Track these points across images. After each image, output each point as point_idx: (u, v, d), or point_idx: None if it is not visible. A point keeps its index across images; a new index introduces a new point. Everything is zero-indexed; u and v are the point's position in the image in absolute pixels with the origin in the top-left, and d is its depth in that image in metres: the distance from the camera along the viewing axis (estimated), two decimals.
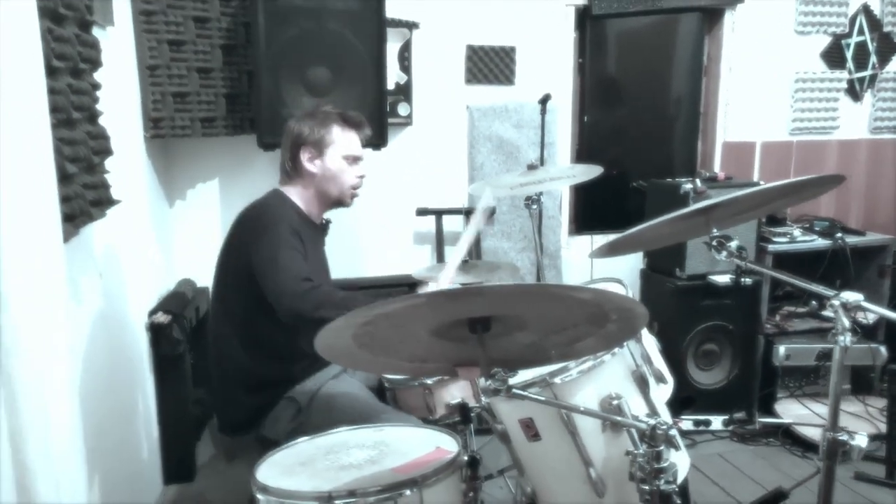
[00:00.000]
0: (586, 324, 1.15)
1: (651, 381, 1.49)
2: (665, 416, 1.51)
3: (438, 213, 3.38)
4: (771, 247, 3.31)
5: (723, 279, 3.15)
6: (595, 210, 3.81)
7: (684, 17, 3.78)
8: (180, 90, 2.81)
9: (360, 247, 3.42)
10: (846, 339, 1.32)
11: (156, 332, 2.68)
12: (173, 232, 3.21)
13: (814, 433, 3.06)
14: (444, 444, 1.56)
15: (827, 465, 1.35)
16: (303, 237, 1.98)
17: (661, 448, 1.24)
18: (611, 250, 1.61)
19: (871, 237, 3.54)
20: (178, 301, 2.89)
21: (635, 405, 1.42)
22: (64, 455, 1.45)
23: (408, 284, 3.32)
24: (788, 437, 3.12)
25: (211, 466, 3.03)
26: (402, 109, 3.28)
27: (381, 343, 1.20)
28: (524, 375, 1.44)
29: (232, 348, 1.98)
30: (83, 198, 1.74)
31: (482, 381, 1.17)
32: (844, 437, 1.33)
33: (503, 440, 1.57)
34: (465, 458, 1.49)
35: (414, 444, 1.59)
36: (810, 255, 3.36)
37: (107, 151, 1.93)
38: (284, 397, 1.97)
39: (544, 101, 3.08)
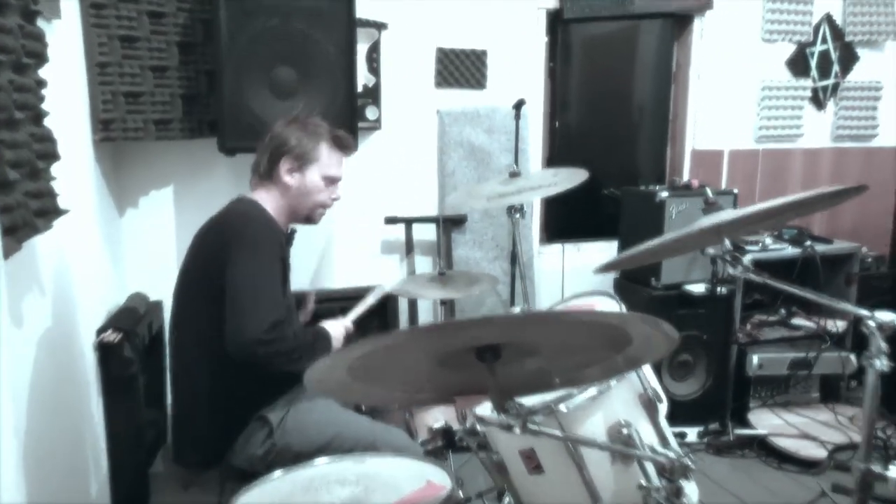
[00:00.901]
0: (603, 348, 1.04)
1: (658, 405, 1.39)
2: (672, 441, 1.41)
3: (408, 222, 3.25)
4: (745, 256, 3.28)
5: (698, 289, 3.11)
6: (566, 218, 3.73)
7: (655, 23, 3.75)
8: (133, 90, 2.61)
9: (325, 256, 3.27)
10: (882, 362, 1.24)
11: (105, 351, 2.46)
12: (124, 243, 2.99)
13: (789, 444, 3.04)
14: (434, 478, 1.43)
15: (860, 498, 1.27)
16: (285, 259, 1.83)
17: (681, 483, 1.14)
18: (617, 265, 1.50)
19: (838, 245, 3.56)
20: (129, 317, 2.68)
21: (645, 432, 1.32)
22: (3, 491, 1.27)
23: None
24: (763, 448, 3.09)
25: (166, 495, 2.82)
26: (371, 113, 3.14)
27: (377, 374, 1.07)
28: (525, 402, 1.32)
29: (197, 371, 1.81)
30: (26, 207, 1.55)
31: (495, 416, 1.04)
32: (878, 469, 1.24)
33: (498, 471, 1.45)
34: (461, 494, 1.37)
35: (401, 479, 1.45)
36: (782, 263, 3.35)
37: (53, 156, 1.74)
38: (254, 418, 1.81)
39: (518, 106, 2.98)
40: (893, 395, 2.90)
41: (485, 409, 1.37)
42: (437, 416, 1.88)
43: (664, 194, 3.04)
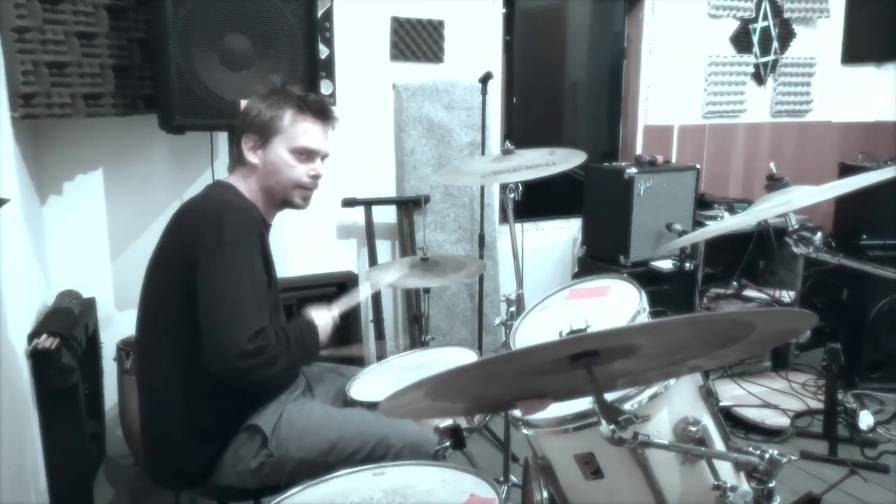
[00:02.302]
0: (713, 344, 0.93)
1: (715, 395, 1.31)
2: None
3: (367, 204, 3.05)
4: (705, 228, 3.29)
5: (665, 265, 3.10)
6: (524, 197, 3.63)
7: None
8: (57, 59, 2.27)
9: (280, 243, 3.02)
10: None
11: (40, 359, 2.15)
12: (47, 234, 2.63)
13: (753, 414, 3.10)
14: (478, 491, 1.28)
15: None
16: (268, 252, 1.61)
17: (773, 484, 1.05)
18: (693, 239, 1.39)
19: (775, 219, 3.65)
20: (62, 319, 2.36)
21: (711, 429, 1.23)
22: None
23: (335, 284, 2.98)
24: (729, 418, 3.13)
25: None
26: (325, 87, 2.88)
27: (452, 389, 0.91)
28: (577, 405, 1.20)
29: (171, 379, 1.57)
30: None
31: (604, 428, 0.91)
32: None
33: (544, 474, 1.32)
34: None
35: (438, 493, 1.29)
36: (738, 236, 3.40)
37: None
38: (243, 428, 1.59)
39: (485, 79, 2.84)
40: (848, 368, 3.05)
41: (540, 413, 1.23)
42: None
43: (632, 171, 2.99)
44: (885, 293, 3.25)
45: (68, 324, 2.32)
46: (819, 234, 1.32)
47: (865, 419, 2.94)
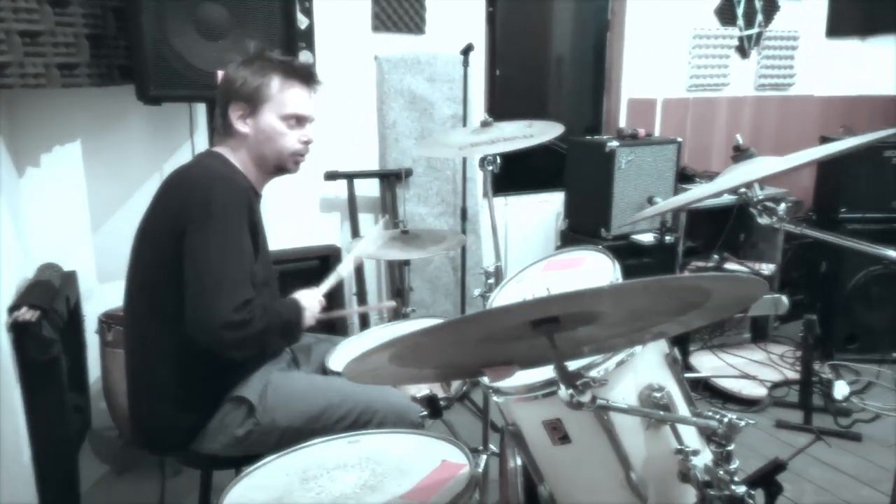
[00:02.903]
0: (673, 311, 0.95)
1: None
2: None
3: (349, 177, 3.04)
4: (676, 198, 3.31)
5: (646, 238, 3.12)
6: (506, 170, 3.63)
7: None
8: (30, 28, 2.22)
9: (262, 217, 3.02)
10: None
11: (20, 332, 2.14)
12: (26, 206, 2.61)
13: (731, 385, 3.15)
14: (449, 456, 1.31)
15: None
16: (258, 223, 1.61)
17: (732, 447, 1.08)
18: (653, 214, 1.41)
19: (768, 191, 3.67)
20: (43, 292, 2.35)
21: (675, 395, 1.26)
22: None
23: (318, 257, 2.99)
24: (707, 389, 3.19)
25: (98, 485, 2.56)
26: (304, 58, 2.84)
27: (418, 355, 0.93)
28: (546, 372, 1.22)
29: (158, 348, 1.58)
30: None
31: (562, 392, 0.93)
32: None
33: (514, 440, 1.35)
34: (480, 470, 1.26)
35: (411, 459, 1.32)
36: (719, 209, 3.42)
37: None
38: (229, 399, 1.61)
39: (466, 51, 2.83)
40: (825, 340, 3.10)
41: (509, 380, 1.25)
42: (420, 385, 1.75)
43: (613, 144, 3.00)
44: (862, 266, 3.30)
45: (49, 297, 2.31)
46: (783, 205, 1.33)
47: (840, 389, 3.00)
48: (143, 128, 2.75)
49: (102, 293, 2.77)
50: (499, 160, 2.11)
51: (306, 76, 1.70)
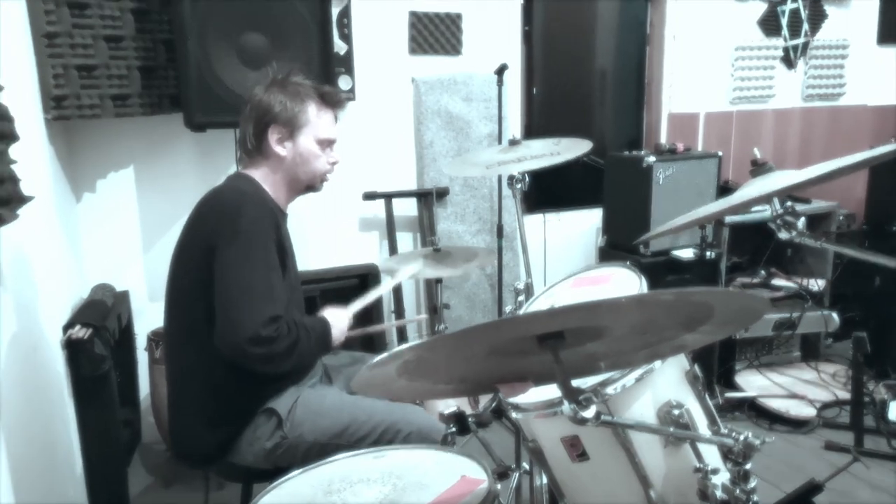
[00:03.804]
0: (678, 326, 0.95)
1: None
2: (718, 419, 1.34)
3: (388, 197, 3.11)
4: (728, 218, 3.25)
5: (686, 254, 3.07)
6: (545, 187, 3.65)
7: None
8: (86, 62, 2.38)
9: (302, 237, 3.10)
10: None
11: (74, 349, 2.26)
12: (82, 230, 2.77)
13: (778, 404, 3.06)
14: (468, 472, 1.33)
15: None
16: (285, 242, 1.67)
17: (749, 466, 1.06)
18: (662, 234, 1.42)
19: (817, 204, 3.58)
20: (96, 311, 2.48)
21: (694, 411, 1.25)
22: None
23: (357, 276, 3.05)
24: (753, 409, 3.10)
25: (146, 496, 2.66)
26: (344, 83, 2.96)
27: (425, 369, 0.95)
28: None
29: (195, 362, 1.65)
30: None
31: (566, 408, 0.94)
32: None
33: (534, 456, 1.35)
34: (498, 487, 1.27)
35: (432, 474, 1.34)
36: (762, 224, 3.34)
37: (11, 136, 1.54)
38: (261, 411, 1.67)
39: (500, 71, 2.86)
40: (875, 355, 2.97)
41: (525, 396, 1.26)
42: (448, 402, 1.76)
43: (651, 159, 2.98)
44: None
45: (101, 315, 2.44)
46: (802, 219, 1.31)
47: (895, 410, 2.88)
48: (191, 153, 2.87)
49: (153, 312, 2.89)
50: (527, 178, 2.13)
51: (339, 102, 1.79)
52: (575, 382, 1.21)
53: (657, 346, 1.05)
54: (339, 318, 1.76)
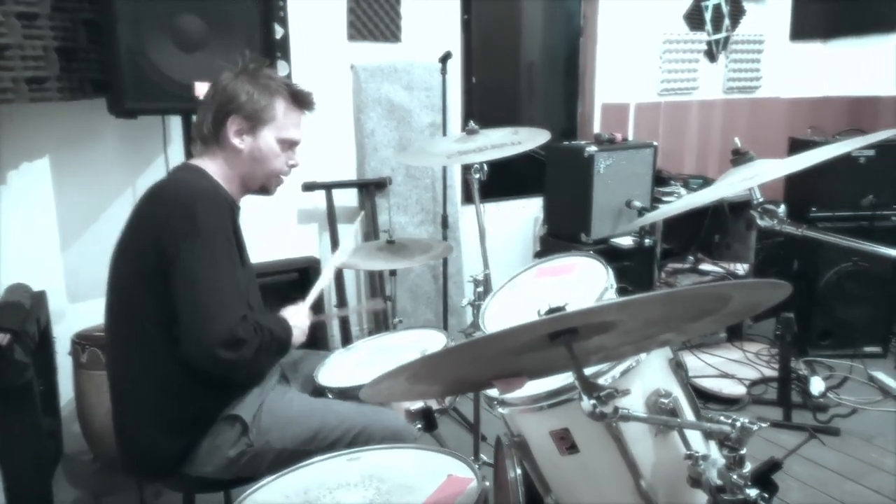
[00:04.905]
0: (689, 317, 0.95)
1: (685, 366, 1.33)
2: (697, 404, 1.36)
3: (328, 188, 3.01)
4: (664, 206, 3.35)
5: (626, 241, 3.14)
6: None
7: None
8: None
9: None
10: None
11: None
12: None
13: (711, 384, 3.19)
14: (454, 471, 1.29)
15: None
16: (240, 237, 1.57)
17: (745, 451, 1.08)
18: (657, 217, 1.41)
19: (740, 193, 3.73)
20: (13, 314, 2.27)
21: (682, 400, 1.26)
22: None
23: (297, 270, 2.94)
24: None
25: None
26: (281, 69, 2.80)
27: (430, 372, 0.91)
28: (551, 383, 1.22)
29: (144, 373, 1.53)
30: None
31: (585, 403, 0.92)
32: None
33: (519, 451, 1.33)
34: (487, 483, 1.24)
35: (415, 475, 1.30)
36: (694, 212, 3.46)
37: None
38: (222, 418, 1.56)
39: (445, 59, 2.82)
40: (799, 337, 3.14)
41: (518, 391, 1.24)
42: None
43: (592, 149, 3.02)
44: (833, 263, 3.37)
45: (19, 319, 2.23)
46: (783, 207, 1.35)
47: (817, 385, 3.06)
48: (115, 142, 2.68)
49: (74, 313, 2.69)
50: (485, 167, 2.10)
51: (310, 104, 1.71)
52: (562, 375, 1.20)
53: (653, 338, 1.05)
54: (299, 317, 1.68)
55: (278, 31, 2.85)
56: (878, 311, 3.42)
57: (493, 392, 1.32)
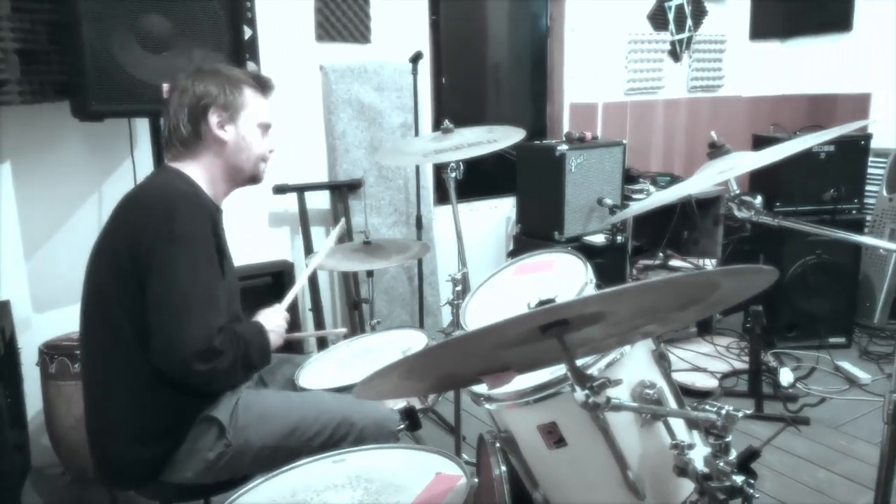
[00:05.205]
0: (677, 307, 0.96)
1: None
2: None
3: (300, 190, 2.97)
4: (634, 204, 3.40)
5: (598, 239, 3.18)
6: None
7: None
8: None
9: None
10: None
11: None
12: None
13: (684, 378, 3.24)
14: (442, 469, 1.28)
15: (892, 429, 1.30)
16: (222, 243, 1.55)
17: (730, 438, 1.10)
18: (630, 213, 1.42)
19: (707, 190, 3.81)
20: None
21: (666, 390, 1.27)
22: None
23: (270, 274, 2.91)
24: None
25: None
26: (251, 69, 2.79)
27: (421, 368, 0.90)
28: (537, 377, 1.22)
29: (119, 380, 1.49)
30: None
31: (578, 394, 0.92)
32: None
33: (506, 447, 1.34)
34: (476, 481, 1.24)
35: (402, 474, 1.29)
36: (663, 209, 3.52)
37: None
38: (198, 421, 1.53)
39: (415, 59, 2.81)
40: (767, 329, 3.21)
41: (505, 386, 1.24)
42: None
43: (563, 148, 3.05)
44: (798, 257, 3.45)
45: None
46: (759, 198, 1.38)
47: (786, 376, 3.13)
48: (80, 147, 2.61)
49: (39, 323, 2.61)
50: (461, 166, 2.11)
51: (270, 87, 1.71)
52: (551, 368, 1.20)
53: (637, 330, 1.06)
54: (276, 320, 1.66)
55: (246, 32, 2.82)
56: (842, 303, 3.51)
57: (479, 388, 1.32)
